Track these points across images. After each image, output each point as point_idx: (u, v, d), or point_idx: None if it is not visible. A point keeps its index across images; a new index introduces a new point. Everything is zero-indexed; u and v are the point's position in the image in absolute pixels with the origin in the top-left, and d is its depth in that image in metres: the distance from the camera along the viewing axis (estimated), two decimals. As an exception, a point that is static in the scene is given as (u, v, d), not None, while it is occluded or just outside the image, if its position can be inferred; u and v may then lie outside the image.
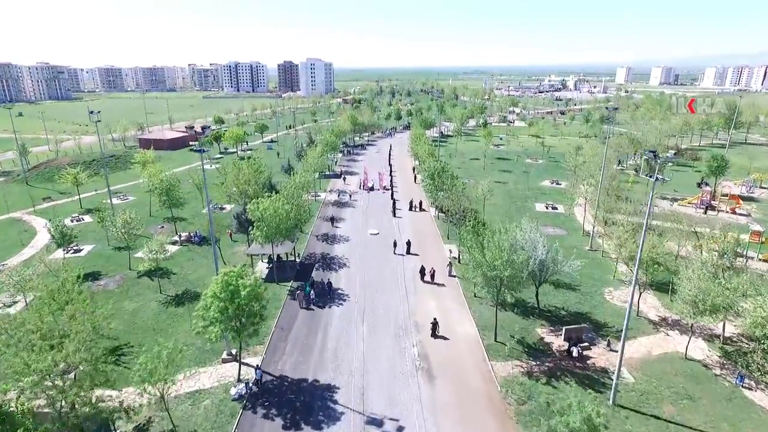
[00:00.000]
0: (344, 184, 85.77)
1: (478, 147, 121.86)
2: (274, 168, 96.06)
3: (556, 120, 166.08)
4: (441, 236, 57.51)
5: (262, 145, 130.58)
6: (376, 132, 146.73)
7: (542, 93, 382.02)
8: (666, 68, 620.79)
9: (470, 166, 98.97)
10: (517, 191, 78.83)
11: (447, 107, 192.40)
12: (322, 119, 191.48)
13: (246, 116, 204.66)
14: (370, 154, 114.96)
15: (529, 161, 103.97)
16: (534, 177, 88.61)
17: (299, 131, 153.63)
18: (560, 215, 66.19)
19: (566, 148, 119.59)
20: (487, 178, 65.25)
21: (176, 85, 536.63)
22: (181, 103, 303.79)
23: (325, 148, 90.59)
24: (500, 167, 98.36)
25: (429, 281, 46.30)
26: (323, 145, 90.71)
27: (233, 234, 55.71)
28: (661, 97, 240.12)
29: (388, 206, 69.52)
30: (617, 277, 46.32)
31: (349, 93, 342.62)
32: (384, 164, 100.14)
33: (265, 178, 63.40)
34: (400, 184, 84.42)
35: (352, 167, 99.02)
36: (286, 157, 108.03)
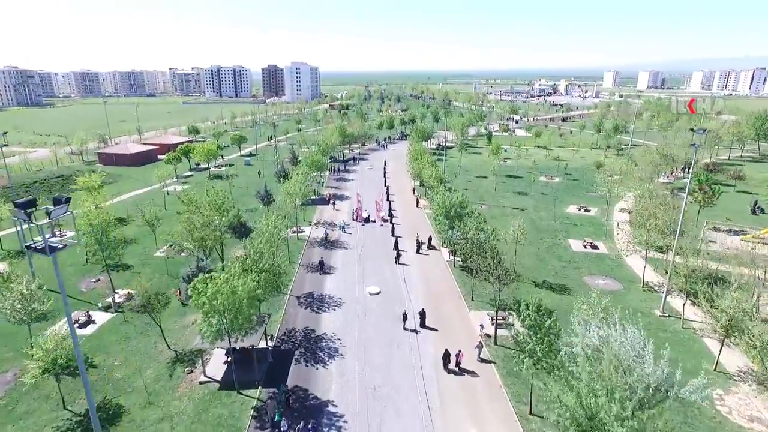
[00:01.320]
0: (334, 209, 72.02)
1: (482, 161, 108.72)
2: (251, 188, 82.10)
3: (561, 128, 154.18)
4: (462, 295, 43.82)
5: (240, 159, 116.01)
6: (368, 143, 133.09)
7: (534, 97, 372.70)
8: (653, 72, 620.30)
9: (478, 187, 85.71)
10: (540, 221, 65.67)
11: (441, 114, 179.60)
12: (307, 128, 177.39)
13: (225, 124, 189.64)
14: (362, 171, 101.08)
15: (544, 179, 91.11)
16: (556, 201, 75.67)
17: (282, 143, 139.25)
18: (604, 258, 53.02)
19: (580, 161, 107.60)
20: (518, 219, 51.48)
21: (156, 90, 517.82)
22: (158, 110, 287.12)
23: (310, 169, 76.61)
24: (513, 187, 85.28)
25: (455, 371, 32.94)
26: (307, 165, 76.73)
27: (183, 297, 41.53)
28: (660, 101, 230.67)
29: (388, 245, 55.80)
30: (722, 368, 33.13)
31: (336, 98, 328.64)
32: (379, 185, 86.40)
33: (231, 217, 49.23)
34: (400, 211, 70.84)
35: (342, 189, 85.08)
36: (265, 174, 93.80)
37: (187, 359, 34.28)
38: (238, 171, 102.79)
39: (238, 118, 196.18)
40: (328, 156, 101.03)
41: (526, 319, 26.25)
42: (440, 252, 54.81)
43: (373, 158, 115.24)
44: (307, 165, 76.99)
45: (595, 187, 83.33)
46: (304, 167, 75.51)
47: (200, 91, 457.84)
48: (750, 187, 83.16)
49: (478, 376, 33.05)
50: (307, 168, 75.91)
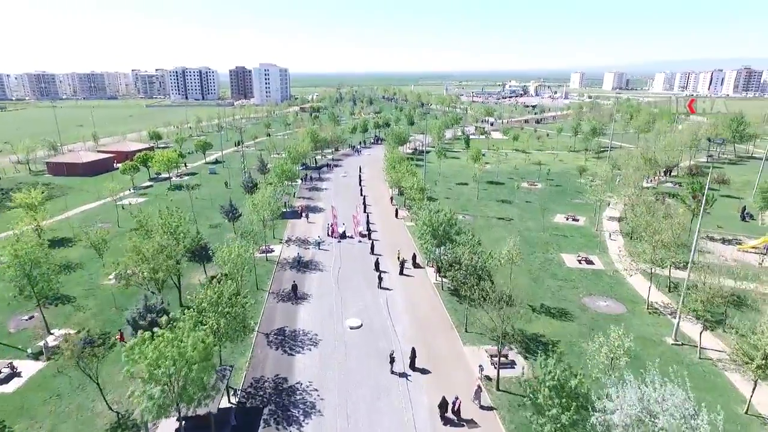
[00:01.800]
0: (308, 222, 66.38)
1: (461, 166, 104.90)
2: (216, 200, 75.49)
3: (537, 130, 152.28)
4: (454, 326, 38.95)
5: (205, 167, 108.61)
6: (341, 148, 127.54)
7: (505, 99, 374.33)
8: (618, 73, 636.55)
9: (459, 195, 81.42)
10: (529, 233, 61.65)
11: (416, 117, 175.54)
12: (277, 132, 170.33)
13: (190, 129, 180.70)
14: (336, 179, 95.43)
15: (526, 186, 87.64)
16: (540, 209, 71.99)
17: (250, 149, 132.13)
18: (601, 275, 49.21)
19: (561, 166, 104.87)
20: (511, 236, 47.05)
21: (118, 92, 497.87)
22: (119, 114, 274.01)
23: (279, 179, 70.70)
24: (495, 195, 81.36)
25: (453, 421, 28.20)
26: (277, 175, 70.76)
27: (125, 339, 35.20)
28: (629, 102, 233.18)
29: (368, 265, 50.63)
30: (754, 410, 29.27)
31: (307, 100, 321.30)
32: (355, 194, 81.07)
33: (188, 242, 43.12)
34: (379, 223, 65.73)
35: (315, 199, 79.31)
36: (232, 185, 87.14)
37: (131, 425, 28.24)
38: (202, 180, 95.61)
39: (203, 122, 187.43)
40: (300, 163, 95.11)
41: (547, 377, 21.51)
42: (425, 271, 49.96)
43: (347, 164, 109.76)
44: (276, 175, 70.97)
45: (582, 194, 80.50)
46: (274, 178, 69.54)
47: (165, 93, 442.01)
48: (733, 191, 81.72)
49: (480, 426, 28.31)
50: (276, 179, 69.95)
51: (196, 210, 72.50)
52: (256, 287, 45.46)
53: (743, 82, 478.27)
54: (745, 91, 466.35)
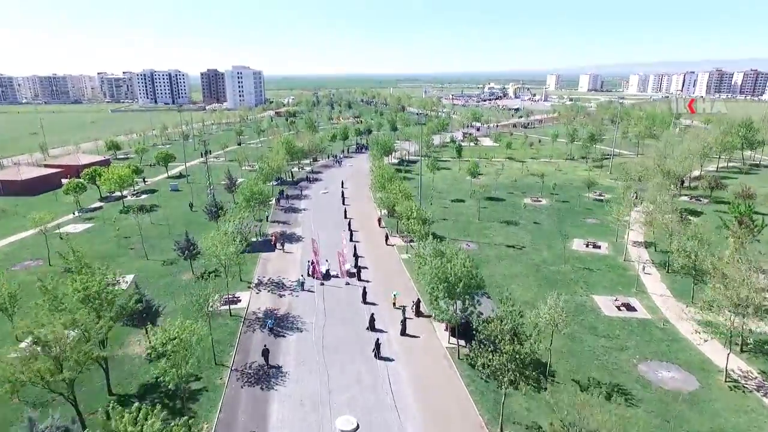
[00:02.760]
0: (284, 252, 55.61)
1: (454, 179, 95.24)
2: (176, 226, 63.84)
3: (527, 136, 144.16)
4: (485, 424, 28.64)
5: (167, 183, 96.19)
6: (320, 158, 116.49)
7: (485, 101, 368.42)
8: (593, 75, 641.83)
9: (458, 215, 71.51)
10: (547, 267, 52.04)
11: (398, 122, 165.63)
12: (250, 139, 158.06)
13: (155, 136, 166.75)
14: (315, 196, 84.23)
15: (530, 201, 78.43)
16: (554, 233, 62.69)
17: (220, 159, 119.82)
18: (650, 327, 39.70)
19: (561, 177, 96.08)
20: (551, 295, 36.52)
21: (84, 96, 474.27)
22: (80, 119, 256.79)
23: (249, 204, 59.53)
24: (497, 214, 71.75)
25: None
26: (246, 200, 59.54)
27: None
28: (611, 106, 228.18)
29: (359, 320, 40.14)
30: None
31: (283, 104, 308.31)
32: (338, 218, 70.31)
33: (117, 311, 31.89)
34: (369, 253, 55.30)
35: (292, 223, 68.20)
36: (197, 205, 75.24)
37: None
38: (162, 199, 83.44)
39: (169, 129, 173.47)
40: (274, 178, 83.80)
41: None
42: (432, 325, 39.67)
43: (328, 178, 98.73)
44: (245, 198, 59.70)
45: (593, 211, 71.64)
46: (241, 203, 58.38)
47: (133, 97, 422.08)
48: (758, 206, 74.00)
49: None
50: (244, 202, 58.76)
51: (149, 240, 60.90)
52: (213, 361, 34.43)
53: (715, 83, 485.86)
54: (717, 92, 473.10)
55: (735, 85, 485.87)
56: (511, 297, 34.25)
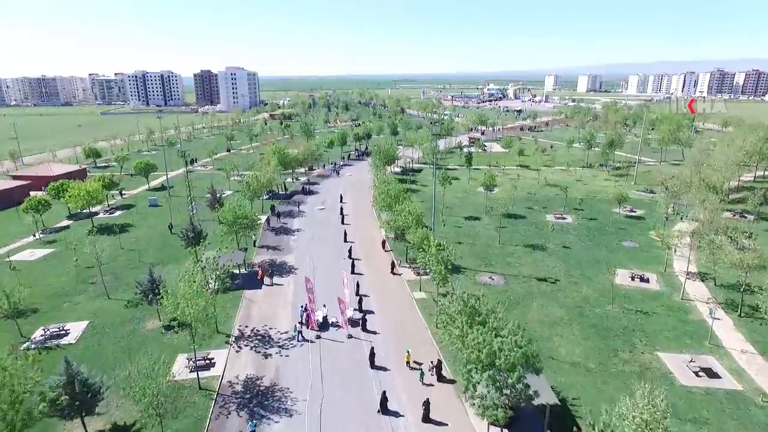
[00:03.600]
0: (272, 286, 46.40)
1: (464, 191, 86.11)
2: (147, 253, 54.41)
3: (537, 141, 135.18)
4: None
5: (147, 196, 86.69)
6: (316, 166, 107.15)
7: (485, 102, 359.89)
8: (592, 76, 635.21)
9: (474, 236, 62.34)
10: (592, 309, 42.96)
11: (399, 125, 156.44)
12: (242, 144, 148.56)
13: (141, 141, 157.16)
14: (311, 213, 74.74)
15: (553, 219, 69.40)
16: (589, 261, 53.69)
17: (208, 167, 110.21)
18: (743, 402, 30.64)
19: (582, 188, 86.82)
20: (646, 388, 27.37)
21: (75, 98, 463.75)
22: (67, 123, 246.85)
23: (231, 228, 50.28)
24: (519, 236, 62.63)
25: None
26: (228, 225, 50.26)
27: None
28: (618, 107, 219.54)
29: (366, 395, 30.94)
30: None
31: (278, 106, 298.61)
32: (336, 241, 60.99)
33: (37, 405, 22.66)
34: (374, 288, 46.24)
35: (283, 249, 58.77)
36: (176, 225, 65.75)
37: None
38: (139, 217, 74.00)
39: (156, 134, 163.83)
40: (264, 193, 74.43)
41: None
42: (461, 403, 30.49)
43: (325, 190, 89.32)
44: (227, 224, 50.36)
45: (628, 231, 62.61)
46: (222, 235, 49.11)
47: (125, 99, 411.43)
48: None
49: None
50: (225, 231, 49.50)
51: (116, 270, 51.76)
52: (170, 471, 25.17)
53: (716, 84, 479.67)
54: (719, 93, 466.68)
55: (737, 86, 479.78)
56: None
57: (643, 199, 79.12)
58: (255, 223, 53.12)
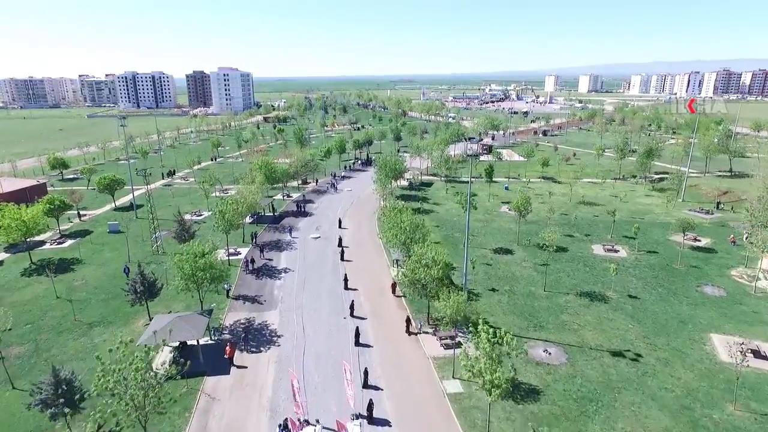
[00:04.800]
0: (242, 368, 32.80)
1: (486, 211, 72.62)
2: (97, 299, 40.96)
3: (557, 147, 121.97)
4: None
5: (113, 217, 73.08)
6: (310, 179, 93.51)
7: (486, 104, 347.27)
8: (593, 75, 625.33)
9: (510, 280, 48.80)
10: (702, 409, 29.66)
11: (403, 130, 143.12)
12: (232, 151, 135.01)
13: (121, 150, 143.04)
14: (303, 246, 60.71)
15: (602, 252, 56.02)
16: (671, 319, 40.41)
17: (189, 179, 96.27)
18: None
19: (624, 207, 72.81)
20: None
21: (64, 100, 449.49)
22: (50, 126, 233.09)
23: (188, 286, 36.74)
24: (568, 277, 49.23)
25: None
26: (185, 279, 36.67)
27: None
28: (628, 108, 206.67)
29: None
30: None
31: (272, 107, 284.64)
32: (335, 291, 47.48)
33: None
34: (386, 369, 32.92)
35: (266, 301, 45.21)
36: (137, 262, 52.10)
37: None
38: (93, 249, 60.26)
39: (138, 139, 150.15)
40: (243, 221, 60.72)
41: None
42: None
43: (321, 211, 75.57)
44: (183, 278, 36.75)
45: (703, 270, 49.31)
46: (179, 290, 35.55)
47: (115, 101, 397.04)
48: None
49: None
50: (182, 287, 35.94)
51: (38, 338, 38.34)
52: None
53: (722, 84, 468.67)
54: (725, 93, 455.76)
55: (743, 86, 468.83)
56: None
57: (702, 222, 65.94)
58: (224, 273, 39.48)
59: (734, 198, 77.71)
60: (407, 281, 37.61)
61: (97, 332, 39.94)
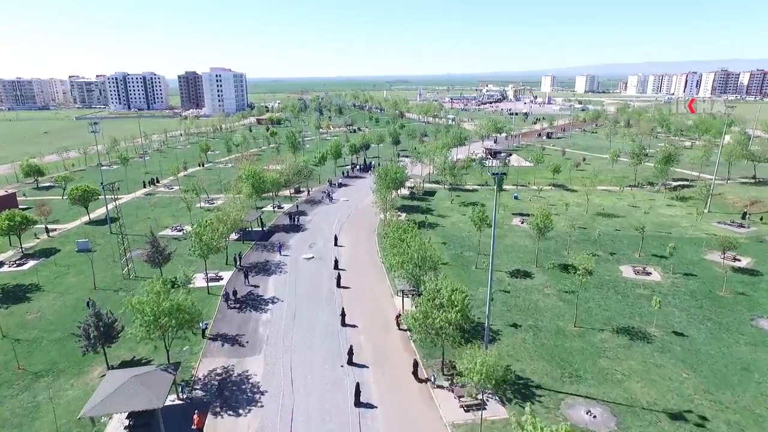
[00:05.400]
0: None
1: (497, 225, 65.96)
2: (31, 360, 34.10)
3: (564, 151, 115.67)
4: None
5: (85, 233, 66.02)
6: (304, 189, 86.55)
7: (484, 104, 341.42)
8: (590, 76, 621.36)
9: (534, 313, 42.16)
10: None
11: (402, 133, 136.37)
12: (221, 156, 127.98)
13: (106, 155, 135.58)
14: (294, 269, 53.81)
15: (632, 275, 49.53)
16: (731, 367, 33.88)
17: (173, 188, 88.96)
18: None
19: (648, 221, 65.79)
20: None
21: (54, 101, 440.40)
22: (34, 129, 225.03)
23: (149, 334, 29.82)
24: (600, 311, 42.70)
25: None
26: (146, 327, 29.75)
27: None
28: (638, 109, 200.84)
29: None
30: None
31: (266, 109, 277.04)
32: (330, 327, 40.70)
33: None
34: (394, 414, 26.34)
35: (248, 343, 38.40)
36: (102, 291, 45.07)
37: None
38: (57, 273, 53.10)
39: (123, 143, 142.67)
40: (226, 241, 53.72)
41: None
42: None
43: (315, 224, 68.64)
44: (143, 325, 29.85)
45: (751, 298, 42.75)
46: (141, 339, 28.70)
47: (106, 103, 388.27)
48: None
49: None
50: (142, 337, 29.16)
51: None
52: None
53: (720, 84, 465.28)
54: (724, 93, 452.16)
55: (741, 86, 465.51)
56: None
57: (738, 237, 59.50)
58: (197, 316, 32.53)
59: (764, 208, 71.54)
60: (418, 326, 30.90)
61: (43, 385, 33.05)
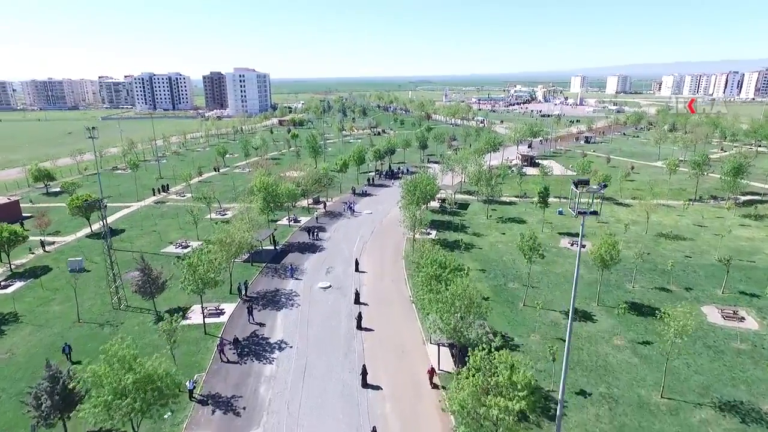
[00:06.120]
0: None
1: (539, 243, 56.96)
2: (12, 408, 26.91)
3: (609, 158, 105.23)
4: None
5: (84, 247, 59.98)
6: (324, 199, 78.97)
7: (512, 106, 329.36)
8: (622, 76, 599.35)
9: (604, 373, 33.19)
10: None
11: (430, 137, 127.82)
12: (239, 160, 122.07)
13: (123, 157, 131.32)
14: (308, 301, 46.02)
15: (721, 320, 40.11)
16: None
17: (185, 195, 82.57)
18: None
19: (723, 244, 55.00)
20: None
21: (84, 101, 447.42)
22: (60, 129, 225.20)
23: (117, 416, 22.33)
24: (692, 375, 33.63)
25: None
26: (103, 408, 22.33)
27: None
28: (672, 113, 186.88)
29: None
30: None
31: (289, 110, 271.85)
32: (349, 389, 32.80)
33: None
34: None
35: (245, 411, 30.84)
36: (78, 339, 38.39)
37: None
38: (42, 299, 46.78)
39: (140, 145, 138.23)
40: (230, 266, 46.45)
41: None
42: None
43: (333, 244, 60.75)
44: (103, 401, 22.47)
45: None
46: None
47: (133, 103, 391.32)
48: None
49: None
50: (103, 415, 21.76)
51: None
52: None
53: (764, 84, 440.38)
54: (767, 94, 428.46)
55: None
56: None
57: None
58: (174, 391, 24.88)
59: None
60: (465, 414, 22.65)
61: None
